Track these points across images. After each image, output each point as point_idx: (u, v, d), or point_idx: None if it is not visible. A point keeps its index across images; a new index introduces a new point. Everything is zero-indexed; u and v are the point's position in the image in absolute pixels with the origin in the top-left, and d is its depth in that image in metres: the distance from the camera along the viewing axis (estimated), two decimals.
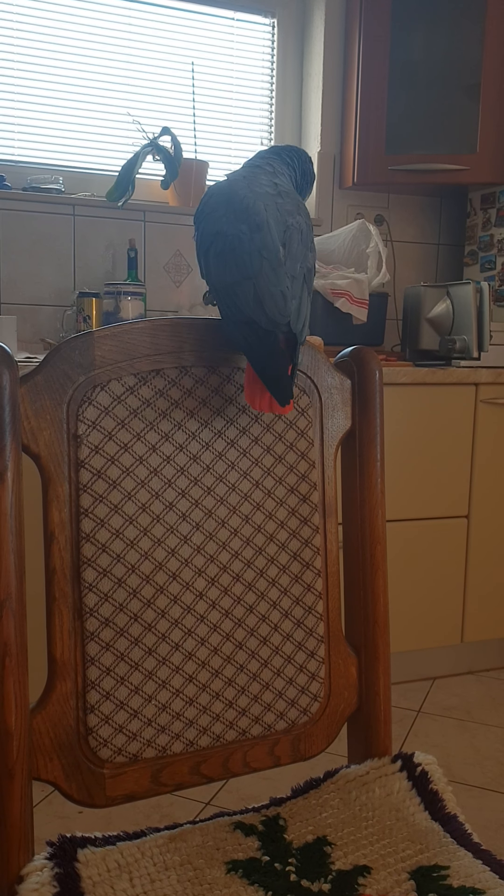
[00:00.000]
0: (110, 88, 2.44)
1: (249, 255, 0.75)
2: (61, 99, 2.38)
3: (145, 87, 2.48)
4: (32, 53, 2.33)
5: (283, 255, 0.76)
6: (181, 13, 2.49)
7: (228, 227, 0.77)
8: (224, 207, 0.78)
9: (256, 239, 0.75)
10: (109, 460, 0.76)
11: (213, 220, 0.79)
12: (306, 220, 0.81)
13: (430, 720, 2.08)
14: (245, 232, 0.75)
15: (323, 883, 0.72)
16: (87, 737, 0.75)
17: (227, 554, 0.81)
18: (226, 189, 0.80)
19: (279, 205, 0.78)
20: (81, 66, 2.39)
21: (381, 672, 0.88)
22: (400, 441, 2.16)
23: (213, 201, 0.80)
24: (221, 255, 0.77)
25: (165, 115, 2.51)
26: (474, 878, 0.73)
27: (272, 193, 0.79)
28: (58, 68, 2.37)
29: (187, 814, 1.62)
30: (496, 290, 2.58)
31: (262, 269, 0.74)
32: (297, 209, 0.80)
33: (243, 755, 0.83)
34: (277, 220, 0.77)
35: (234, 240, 0.76)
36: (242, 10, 2.58)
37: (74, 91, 2.40)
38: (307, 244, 0.79)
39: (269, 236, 0.75)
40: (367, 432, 0.88)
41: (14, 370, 0.71)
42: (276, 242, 0.76)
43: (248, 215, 0.76)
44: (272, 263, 0.75)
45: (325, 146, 2.63)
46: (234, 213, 0.77)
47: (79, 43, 2.38)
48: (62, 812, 1.62)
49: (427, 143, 2.51)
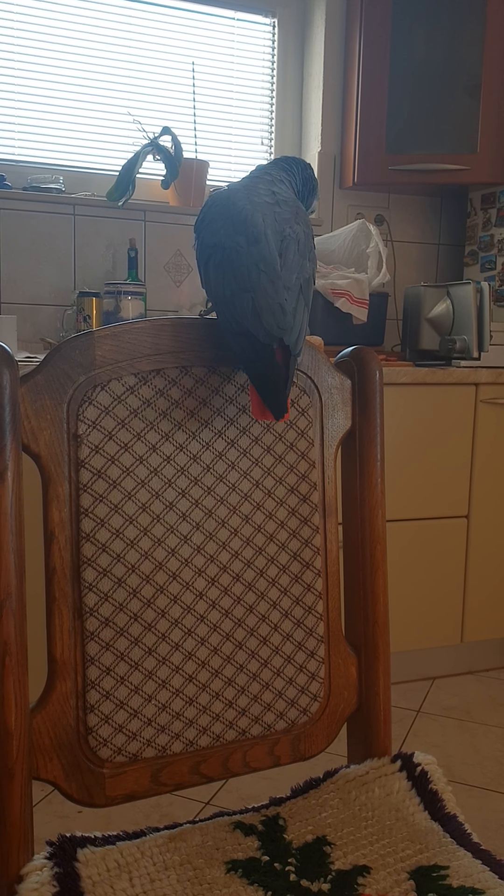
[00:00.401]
0: (111, 88, 2.44)
1: (247, 269, 0.74)
2: (62, 98, 2.38)
3: (146, 86, 2.48)
4: (33, 53, 2.33)
5: (280, 266, 0.75)
6: (182, 13, 2.49)
7: (226, 240, 0.76)
8: (222, 219, 0.78)
9: (254, 252, 0.75)
10: (109, 460, 0.76)
11: (212, 231, 0.78)
12: (305, 229, 0.80)
13: (429, 720, 2.08)
14: (242, 245, 0.75)
15: (322, 883, 0.72)
16: (86, 736, 0.75)
17: (227, 554, 0.82)
18: (224, 199, 0.79)
19: (277, 213, 0.78)
20: (82, 66, 2.39)
21: (381, 672, 0.88)
22: (400, 441, 2.16)
23: (211, 211, 0.80)
24: (220, 266, 0.76)
25: (166, 114, 2.51)
26: (474, 877, 0.73)
27: (270, 203, 0.79)
28: (58, 68, 2.37)
29: (187, 813, 1.63)
30: (496, 290, 2.58)
31: (259, 282, 0.74)
32: (295, 217, 0.79)
33: (243, 755, 0.83)
34: (275, 231, 0.76)
35: (231, 252, 0.75)
36: (243, 9, 2.58)
37: (75, 91, 2.40)
38: (305, 254, 0.79)
39: (266, 249, 0.75)
40: (368, 432, 0.88)
41: (14, 370, 0.71)
42: (274, 254, 0.75)
43: (246, 227, 0.76)
44: (270, 276, 0.74)
45: (326, 146, 2.63)
46: (232, 224, 0.77)
47: (79, 43, 2.38)
48: (62, 812, 1.62)
49: (427, 143, 2.51)
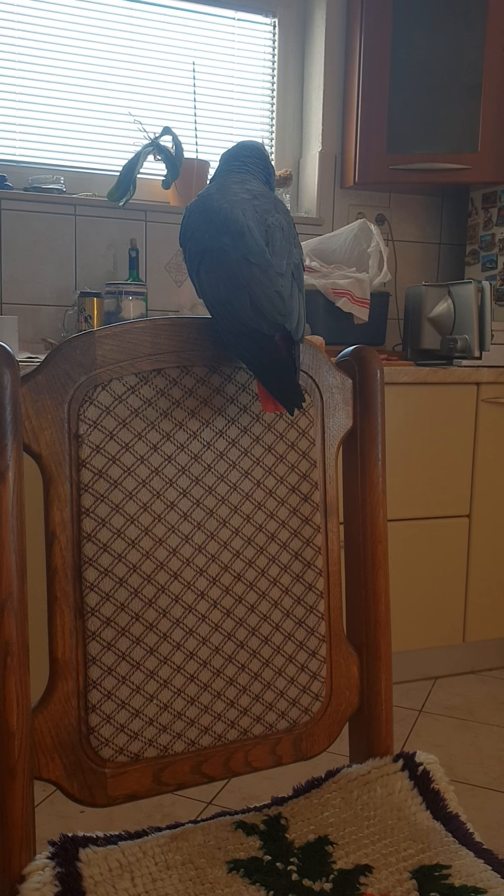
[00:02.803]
0: (111, 88, 2.44)
1: (237, 265, 0.74)
2: (63, 99, 2.39)
3: (146, 86, 2.48)
4: (34, 54, 2.33)
5: (269, 255, 0.75)
6: (182, 13, 2.49)
7: (212, 243, 0.76)
8: (204, 224, 0.78)
9: (240, 246, 0.75)
10: (110, 460, 0.76)
11: (196, 239, 0.78)
12: (286, 217, 0.80)
13: (431, 720, 2.08)
14: (228, 243, 0.75)
15: (324, 882, 0.72)
16: (88, 736, 0.75)
17: (228, 553, 0.81)
18: (201, 206, 0.79)
19: (256, 206, 0.78)
20: (83, 66, 2.39)
21: (383, 671, 0.88)
22: (401, 440, 2.16)
23: (192, 221, 0.80)
24: (211, 271, 0.76)
25: (166, 114, 2.51)
26: (476, 877, 0.72)
27: (247, 198, 0.79)
28: (59, 68, 2.37)
29: (189, 813, 1.63)
30: (497, 289, 2.57)
31: (252, 274, 0.74)
32: (275, 207, 0.79)
33: (245, 755, 0.83)
34: (257, 222, 0.76)
35: (219, 253, 0.75)
36: (243, 9, 2.58)
37: (76, 91, 2.40)
38: (290, 240, 0.79)
39: (252, 240, 0.75)
40: (369, 431, 0.88)
41: (15, 370, 0.71)
42: (261, 244, 0.75)
43: (228, 225, 0.76)
44: (262, 266, 0.74)
45: (327, 146, 2.63)
46: (214, 226, 0.77)
47: (80, 43, 2.38)
48: (64, 811, 1.62)
49: (428, 143, 2.50)
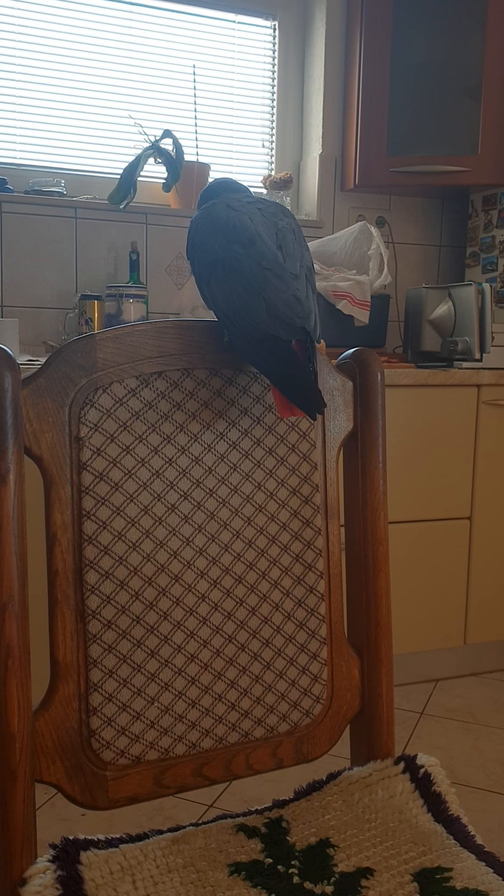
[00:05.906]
0: (112, 91, 2.44)
1: (251, 272, 0.74)
2: (63, 102, 2.39)
3: (147, 89, 2.48)
4: (34, 57, 2.34)
5: (282, 258, 0.75)
6: (182, 16, 2.49)
7: (222, 252, 0.75)
8: (212, 235, 0.77)
9: (253, 253, 0.74)
10: (111, 462, 0.76)
11: (206, 249, 0.78)
12: (294, 221, 0.80)
13: (433, 722, 2.08)
14: (240, 251, 0.74)
15: (326, 885, 0.72)
16: (89, 739, 0.75)
17: (229, 556, 0.81)
18: (207, 217, 0.79)
19: (262, 210, 0.78)
20: (83, 69, 2.40)
21: (384, 674, 0.88)
22: (402, 443, 2.16)
23: (199, 232, 0.79)
24: (223, 280, 0.75)
25: (167, 117, 2.51)
26: (477, 879, 0.72)
27: (252, 202, 0.79)
28: (60, 71, 2.37)
29: (190, 816, 1.62)
30: (498, 291, 2.58)
31: (267, 280, 0.73)
32: (282, 212, 0.79)
33: (246, 757, 0.83)
34: (267, 227, 0.76)
35: (231, 262, 0.75)
36: (244, 12, 2.58)
37: (76, 94, 2.40)
38: (302, 243, 0.79)
39: (263, 246, 0.74)
40: (369, 434, 0.88)
41: (16, 372, 0.71)
42: (273, 249, 0.75)
43: (237, 233, 0.75)
44: (276, 271, 0.74)
45: (327, 148, 2.63)
46: (224, 235, 0.76)
47: (80, 46, 2.38)
48: (65, 814, 1.62)
49: (428, 145, 2.51)
